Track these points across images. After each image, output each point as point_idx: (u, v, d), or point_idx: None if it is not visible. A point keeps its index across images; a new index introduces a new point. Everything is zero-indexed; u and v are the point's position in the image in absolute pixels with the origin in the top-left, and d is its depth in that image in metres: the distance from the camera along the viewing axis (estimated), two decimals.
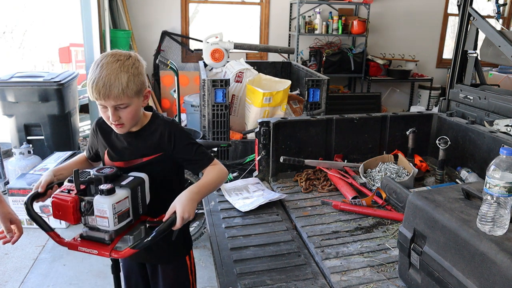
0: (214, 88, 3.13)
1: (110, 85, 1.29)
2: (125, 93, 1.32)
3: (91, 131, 1.59)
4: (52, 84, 3.91)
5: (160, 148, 1.46)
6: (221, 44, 3.88)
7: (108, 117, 1.37)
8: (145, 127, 1.48)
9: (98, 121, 1.56)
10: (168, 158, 1.49)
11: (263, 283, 1.44)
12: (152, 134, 1.47)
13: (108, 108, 1.34)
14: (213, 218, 1.92)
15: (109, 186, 1.24)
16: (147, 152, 1.47)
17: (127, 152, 1.48)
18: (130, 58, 1.36)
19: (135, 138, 1.48)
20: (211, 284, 2.67)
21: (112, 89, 1.30)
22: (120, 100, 1.32)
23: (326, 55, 5.69)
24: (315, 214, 1.96)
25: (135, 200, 1.32)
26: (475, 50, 2.77)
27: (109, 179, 1.30)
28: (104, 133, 1.53)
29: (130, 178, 1.34)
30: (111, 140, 1.51)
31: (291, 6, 5.88)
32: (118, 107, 1.34)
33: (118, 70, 1.31)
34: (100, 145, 1.55)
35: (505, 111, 2.43)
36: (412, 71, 6.22)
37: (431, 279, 1.26)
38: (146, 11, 5.52)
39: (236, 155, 3.27)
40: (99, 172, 1.32)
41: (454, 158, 2.39)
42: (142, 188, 1.35)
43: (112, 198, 1.23)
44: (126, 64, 1.33)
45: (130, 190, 1.29)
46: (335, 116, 2.47)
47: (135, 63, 1.36)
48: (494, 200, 1.07)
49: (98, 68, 1.31)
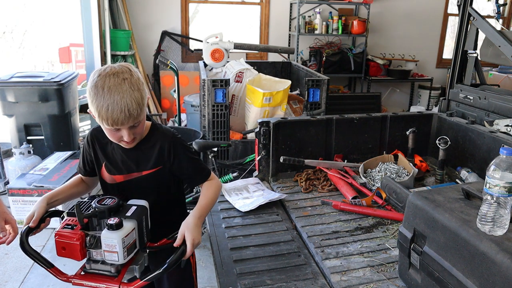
0: (214, 88, 3.13)
1: (128, 109, 1.22)
2: (142, 112, 1.28)
3: (85, 144, 1.49)
4: (52, 84, 3.91)
5: (160, 162, 1.42)
6: (221, 44, 3.88)
7: (119, 137, 1.31)
8: (144, 139, 1.42)
9: (92, 133, 1.47)
10: (168, 171, 1.45)
11: (263, 283, 1.45)
12: (152, 148, 1.42)
13: (123, 130, 1.28)
14: (213, 218, 1.92)
15: (117, 220, 1.19)
16: (146, 166, 1.42)
17: (125, 165, 1.43)
18: (132, 73, 1.28)
19: (134, 151, 1.41)
20: (211, 284, 2.67)
21: (132, 112, 1.23)
22: (137, 119, 1.28)
23: (326, 55, 5.69)
24: (315, 214, 1.96)
25: (141, 230, 1.28)
26: (475, 50, 2.77)
27: (113, 211, 1.25)
28: (101, 145, 1.45)
29: (134, 208, 1.28)
30: (108, 152, 1.44)
31: (291, 6, 5.88)
32: (134, 126, 1.29)
33: (130, 91, 1.23)
34: (97, 158, 1.47)
35: (505, 111, 2.43)
36: (412, 71, 6.22)
37: (431, 279, 1.26)
38: (146, 11, 5.52)
39: (236, 155, 3.26)
40: (101, 204, 1.26)
41: (454, 158, 2.39)
42: (146, 217, 1.32)
43: (121, 232, 1.19)
44: (133, 82, 1.26)
45: (137, 221, 1.25)
46: (335, 116, 2.47)
47: (138, 77, 1.30)
48: (494, 200, 1.07)
49: (106, 93, 1.21)
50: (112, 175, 1.45)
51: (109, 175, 1.45)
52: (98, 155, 1.46)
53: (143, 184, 1.43)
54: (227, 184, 2.27)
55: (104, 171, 1.46)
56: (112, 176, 1.45)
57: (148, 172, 1.42)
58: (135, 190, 1.44)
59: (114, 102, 1.21)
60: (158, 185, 1.45)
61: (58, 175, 3.33)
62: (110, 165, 1.44)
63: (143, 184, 1.43)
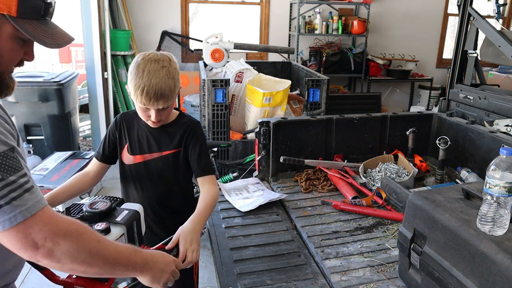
0: (214, 88, 3.13)
1: (161, 93, 1.38)
2: (172, 98, 1.43)
3: (112, 126, 1.61)
4: (52, 84, 3.91)
5: (180, 144, 1.56)
6: (221, 44, 3.88)
7: (148, 116, 1.46)
8: (171, 123, 1.57)
9: (122, 116, 1.62)
10: (184, 155, 1.57)
11: (263, 283, 1.45)
12: (177, 130, 1.56)
13: (152, 110, 1.43)
14: (213, 218, 1.92)
15: (104, 225, 1.17)
16: (168, 146, 1.55)
17: (149, 144, 1.56)
18: (171, 63, 1.44)
19: (160, 133, 1.56)
20: (211, 284, 2.67)
21: (163, 96, 1.39)
22: (166, 103, 1.43)
23: (326, 55, 5.69)
24: (315, 214, 1.96)
25: (131, 236, 1.25)
26: (475, 50, 2.77)
27: (104, 216, 1.23)
28: (128, 127, 1.59)
29: (125, 213, 1.27)
30: (133, 133, 1.58)
31: (291, 6, 5.88)
32: (163, 108, 1.43)
33: (166, 78, 1.39)
34: (121, 139, 1.60)
35: (505, 111, 2.43)
36: (412, 71, 6.22)
37: (431, 279, 1.26)
38: (146, 11, 5.51)
39: (236, 155, 3.26)
40: (92, 208, 1.24)
41: (454, 158, 2.39)
42: (138, 222, 1.29)
43: (108, 238, 1.14)
44: (171, 70, 1.42)
45: (126, 227, 1.22)
46: (335, 116, 2.47)
47: (176, 67, 1.46)
48: (494, 200, 1.07)
49: (146, 75, 1.37)
50: (132, 155, 1.57)
51: (129, 156, 1.58)
52: (123, 136, 1.59)
53: (159, 166, 1.56)
54: (227, 184, 2.27)
55: (125, 152, 1.58)
56: (132, 157, 1.57)
57: (168, 152, 1.55)
58: (151, 172, 1.56)
59: (150, 84, 1.37)
60: (174, 168, 1.57)
61: (58, 175, 3.33)
62: (133, 145, 1.57)
63: (160, 166, 1.56)
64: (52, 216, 0.90)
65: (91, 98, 4.60)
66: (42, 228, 0.87)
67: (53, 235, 0.88)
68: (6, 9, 0.90)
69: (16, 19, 0.91)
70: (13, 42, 0.95)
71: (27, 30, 0.93)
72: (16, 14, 0.91)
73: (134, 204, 1.33)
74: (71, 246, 0.90)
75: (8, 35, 0.93)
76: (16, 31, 0.93)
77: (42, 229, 0.87)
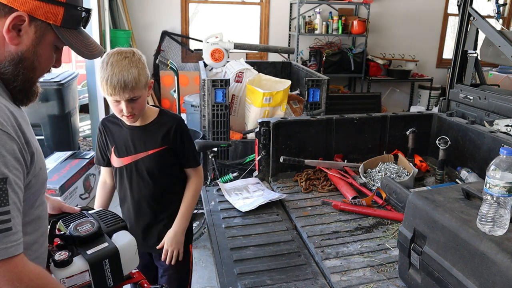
0: (214, 88, 3.13)
1: (124, 80, 1.43)
2: (138, 86, 1.46)
3: (98, 133, 1.68)
4: (52, 84, 3.91)
5: (166, 141, 1.60)
6: (221, 44, 3.88)
7: (120, 110, 1.50)
8: (153, 121, 1.61)
9: (102, 121, 1.68)
10: (172, 151, 1.62)
11: (263, 283, 1.45)
12: (160, 128, 1.60)
13: (122, 101, 1.47)
14: (213, 218, 1.92)
15: (64, 256, 1.09)
16: (154, 145, 1.59)
17: (134, 145, 1.60)
18: (134, 54, 1.49)
19: (143, 132, 1.60)
20: (211, 284, 2.67)
21: (127, 84, 1.43)
22: (133, 93, 1.46)
23: (326, 55, 5.69)
24: (315, 214, 1.96)
25: (100, 274, 1.14)
26: (475, 50, 2.77)
27: (82, 241, 1.15)
28: (111, 130, 1.64)
29: (102, 246, 1.15)
30: (117, 136, 1.63)
31: (291, 6, 5.88)
32: (131, 99, 1.47)
33: (129, 66, 1.44)
34: (107, 143, 1.65)
35: (505, 111, 2.43)
36: (412, 71, 6.22)
37: (431, 279, 1.26)
38: (146, 11, 5.51)
39: (236, 155, 3.26)
40: (75, 229, 1.17)
41: (454, 158, 2.39)
42: (114, 259, 1.16)
43: (64, 271, 1.08)
44: (134, 60, 1.47)
45: (90, 264, 1.11)
46: (335, 116, 2.47)
47: (140, 58, 1.50)
48: (494, 200, 1.07)
49: (109, 67, 1.43)
50: (120, 157, 1.62)
51: (117, 159, 1.63)
52: (108, 140, 1.65)
53: (148, 165, 1.61)
54: (227, 184, 2.27)
55: (113, 155, 1.63)
56: (120, 159, 1.62)
57: (154, 151, 1.60)
58: (140, 171, 1.61)
59: (113, 74, 1.42)
60: (162, 166, 1.63)
61: (58, 175, 3.33)
62: (119, 147, 1.62)
63: (149, 165, 1.61)
64: (20, 266, 0.85)
65: (91, 98, 4.59)
66: (4, 275, 0.83)
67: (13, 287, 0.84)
68: (52, 18, 0.93)
69: (59, 28, 0.95)
70: (51, 50, 0.99)
71: (68, 40, 0.97)
72: (60, 23, 0.94)
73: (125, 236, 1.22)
74: None
75: (49, 43, 0.97)
76: (57, 39, 0.97)
77: (4, 277, 0.83)
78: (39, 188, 1.01)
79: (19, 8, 0.90)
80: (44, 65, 1.00)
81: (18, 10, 0.90)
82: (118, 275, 1.18)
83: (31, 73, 0.97)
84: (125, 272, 1.20)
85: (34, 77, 0.99)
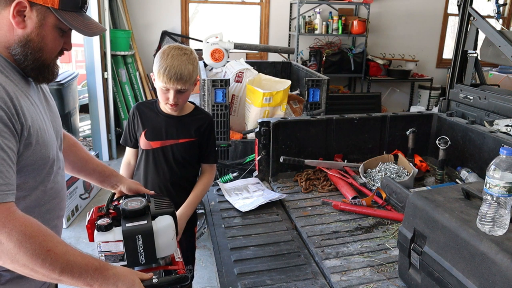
0: (214, 88, 3.13)
1: (181, 73, 1.57)
2: (190, 81, 1.61)
3: (131, 115, 1.78)
4: (52, 84, 3.91)
5: (196, 134, 1.73)
6: (221, 44, 3.88)
7: (167, 98, 1.63)
8: (189, 114, 1.76)
9: (138, 105, 1.79)
10: (198, 144, 1.75)
11: (263, 283, 1.45)
12: (195, 121, 1.74)
13: (171, 91, 1.61)
14: (213, 218, 1.92)
15: (105, 222, 1.18)
16: (185, 135, 1.72)
17: (166, 131, 1.72)
18: (192, 52, 1.65)
19: (178, 122, 1.73)
20: (211, 284, 2.67)
21: (183, 77, 1.58)
22: (184, 85, 1.61)
23: (326, 55, 5.69)
24: (315, 214, 1.96)
25: (133, 248, 1.20)
26: (475, 50, 2.77)
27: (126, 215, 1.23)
28: (144, 115, 1.75)
29: (140, 223, 1.21)
30: (151, 121, 1.74)
31: (291, 6, 5.88)
32: (180, 91, 1.61)
33: (186, 62, 1.60)
34: (138, 126, 1.75)
35: (505, 111, 2.43)
36: (412, 71, 6.21)
37: (431, 279, 1.26)
38: (146, 11, 5.51)
39: (236, 155, 3.26)
40: (125, 204, 1.26)
41: (454, 158, 2.39)
42: (147, 237, 1.21)
43: (101, 236, 1.17)
44: (191, 58, 1.63)
45: (124, 235, 1.18)
46: (335, 116, 2.47)
47: (196, 58, 1.65)
48: (494, 200, 1.07)
49: (170, 58, 1.58)
50: (150, 141, 1.73)
51: (147, 141, 1.73)
52: (140, 123, 1.75)
53: (175, 152, 1.72)
54: (227, 184, 2.27)
55: (143, 137, 1.73)
56: (150, 142, 1.73)
57: (184, 140, 1.73)
58: (167, 157, 1.72)
59: (172, 65, 1.57)
60: (188, 155, 1.75)
61: None
62: (150, 131, 1.73)
63: (176, 152, 1.72)
64: (5, 213, 0.91)
65: (91, 98, 4.60)
66: None
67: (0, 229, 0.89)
68: (50, 2, 1.04)
69: (58, 11, 1.05)
70: (55, 32, 1.09)
71: (68, 20, 1.07)
72: (58, 6, 1.05)
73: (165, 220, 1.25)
74: (13, 247, 0.90)
75: (51, 25, 1.07)
76: (58, 21, 1.07)
77: None
78: (38, 165, 1.06)
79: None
80: (51, 45, 1.10)
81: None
82: (151, 254, 1.22)
83: (39, 53, 1.08)
84: (159, 254, 1.24)
85: (43, 56, 1.09)
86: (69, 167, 1.41)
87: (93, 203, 3.75)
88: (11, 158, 0.95)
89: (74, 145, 1.42)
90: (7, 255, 0.90)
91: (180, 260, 1.35)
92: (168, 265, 1.31)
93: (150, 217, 1.25)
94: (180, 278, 1.18)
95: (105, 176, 1.45)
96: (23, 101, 1.03)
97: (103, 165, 1.48)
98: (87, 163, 1.43)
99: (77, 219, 3.47)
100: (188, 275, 1.21)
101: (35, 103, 1.10)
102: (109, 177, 1.45)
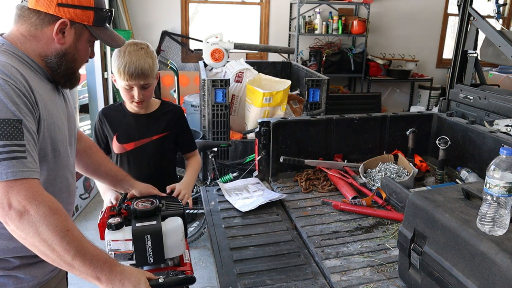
0: (214, 88, 3.13)
1: (141, 68, 1.57)
2: (151, 74, 1.62)
3: (98, 122, 1.77)
4: None
5: (169, 128, 1.74)
6: (221, 44, 3.88)
7: (131, 97, 1.63)
8: (157, 110, 1.75)
9: (103, 110, 1.78)
10: (172, 137, 1.76)
11: (263, 283, 1.45)
12: (164, 115, 1.75)
13: (135, 88, 1.60)
14: (213, 218, 1.92)
15: (116, 221, 1.22)
16: (157, 131, 1.72)
17: (138, 131, 1.71)
18: (148, 46, 1.66)
19: (148, 120, 1.72)
20: (211, 284, 2.67)
21: (144, 71, 1.58)
22: (147, 80, 1.61)
23: (326, 55, 5.69)
24: (315, 214, 1.96)
25: (142, 247, 1.23)
26: (475, 50, 2.77)
27: (136, 215, 1.26)
28: (112, 119, 1.74)
29: (150, 223, 1.24)
30: (120, 124, 1.73)
31: (291, 6, 5.88)
32: (143, 86, 1.61)
33: (145, 56, 1.60)
34: (108, 131, 1.74)
35: (505, 111, 2.43)
36: (412, 71, 6.22)
37: (431, 279, 1.26)
38: (146, 11, 5.52)
39: (236, 155, 3.27)
40: (136, 204, 1.30)
41: (454, 158, 2.39)
42: (156, 238, 1.23)
43: (111, 234, 1.21)
44: (149, 51, 1.64)
45: (134, 235, 1.21)
46: (335, 116, 2.47)
47: (153, 51, 1.66)
48: (494, 200, 1.07)
49: (127, 55, 1.58)
50: (123, 143, 1.72)
51: (120, 145, 1.72)
52: (110, 128, 1.74)
53: (150, 150, 1.72)
54: (227, 184, 2.27)
55: (115, 141, 1.72)
56: (123, 145, 1.72)
57: (158, 136, 1.73)
58: (142, 156, 1.72)
59: (131, 61, 1.57)
60: (163, 151, 1.75)
61: None
62: (123, 134, 1.72)
63: (151, 150, 1.72)
64: (35, 188, 0.99)
65: (91, 98, 4.59)
66: (20, 191, 0.96)
67: (27, 201, 0.96)
68: (86, 20, 1.17)
69: (92, 27, 1.19)
70: (87, 44, 1.22)
71: (99, 35, 1.21)
72: (92, 23, 1.18)
73: (174, 222, 1.27)
74: (39, 219, 0.96)
75: (85, 40, 1.20)
76: (91, 36, 1.20)
77: (19, 193, 0.96)
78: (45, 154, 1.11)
79: (63, 16, 1.13)
80: (83, 56, 1.23)
81: (62, 17, 1.13)
82: (159, 254, 1.25)
83: (73, 64, 1.21)
84: (167, 255, 1.26)
85: (75, 66, 1.23)
86: (82, 169, 1.50)
87: (93, 203, 3.76)
88: (35, 140, 1.04)
89: (90, 148, 1.51)
90: (32, 227, 0.96)
91: (188, 262, 1.37)
92: (177, 266, 1.33)
93: (160, 217, 1.27)
94: (186, 278, 1.19)
95: (117, 180, 1.53)
96: (43, 95, 1.12)
97: (117, 169, 1.56)
98: (100, 166, 1.51)
99: (77, 219, 3.47)
100: (194, 276, 1.22)
101: (54, 101, 1.20)
102: (121, 182, 1.53)
